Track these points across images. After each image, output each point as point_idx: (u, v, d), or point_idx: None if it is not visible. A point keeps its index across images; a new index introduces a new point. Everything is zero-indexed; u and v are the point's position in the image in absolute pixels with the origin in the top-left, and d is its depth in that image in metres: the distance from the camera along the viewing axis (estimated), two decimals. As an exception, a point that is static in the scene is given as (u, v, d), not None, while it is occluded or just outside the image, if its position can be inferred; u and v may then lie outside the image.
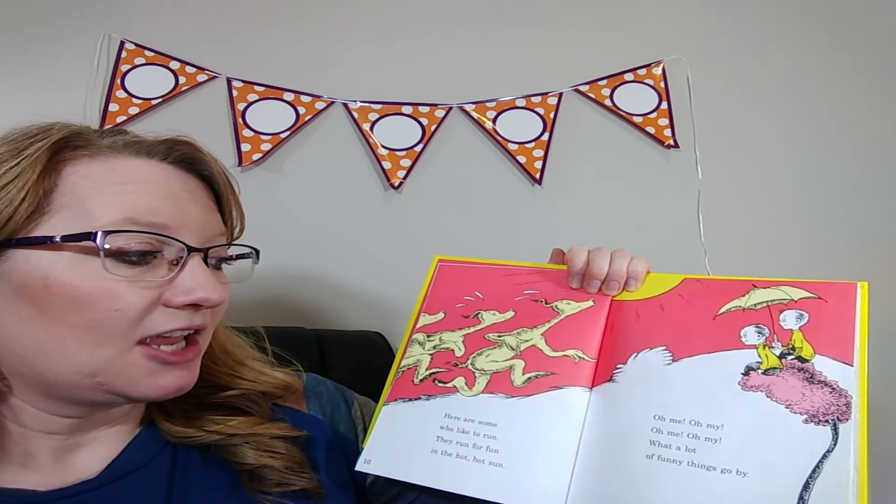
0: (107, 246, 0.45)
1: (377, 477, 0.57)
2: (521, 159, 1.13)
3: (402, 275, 1.05)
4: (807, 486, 0.43)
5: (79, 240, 0.45)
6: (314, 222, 1.09)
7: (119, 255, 0.46)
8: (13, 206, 0.44)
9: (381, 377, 0.62)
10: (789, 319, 0.51)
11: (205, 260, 0.50)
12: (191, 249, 0.49)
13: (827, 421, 0.45)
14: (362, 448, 0.57)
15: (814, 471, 0.43)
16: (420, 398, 0.58)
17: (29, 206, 0.45)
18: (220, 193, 0.55)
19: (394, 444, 0.56)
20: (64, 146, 0.48)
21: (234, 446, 0.54)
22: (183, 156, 0.53)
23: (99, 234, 0.45)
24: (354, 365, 0.91)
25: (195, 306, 0.49)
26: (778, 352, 0.49)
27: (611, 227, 1.14)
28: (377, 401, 0.62)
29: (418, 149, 1.11)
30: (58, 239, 0.45)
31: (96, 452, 0.51)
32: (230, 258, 0.57)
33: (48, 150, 0.46)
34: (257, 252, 0.58)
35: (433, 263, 0.69)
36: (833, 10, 1.26)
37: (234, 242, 0.57)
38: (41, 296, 0.45)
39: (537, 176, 1.13)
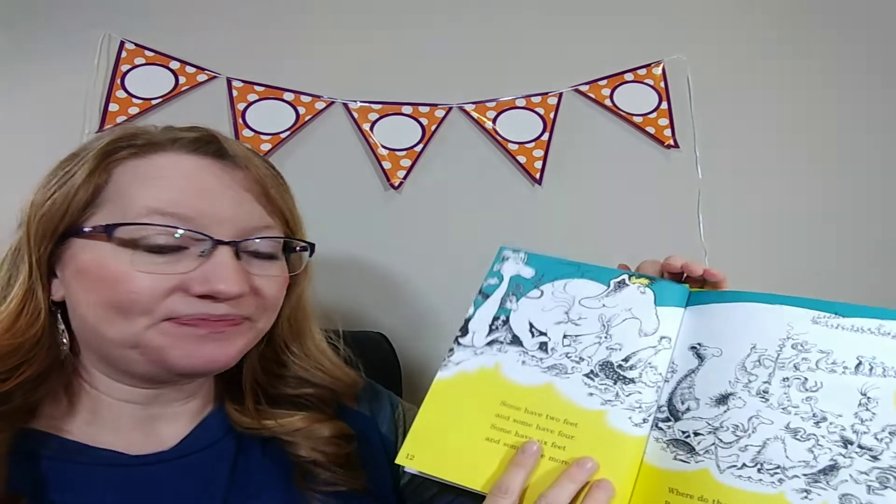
0: (120, 237, 0.49)
1: (413, 476, 0.55)
2: (521, 159, 1.13)
3: (403, 275, 1.05)
4: None
5: (103, 231, 0.50)
6: (314, 222, 1.08)
7: (142, 246, 0.50)
8: (68, 200, 0.51)
9: (382, 377, 0.62)
10: None
11: (237, 253, 0.52)
12: (216, 242, 0.51)
13: None
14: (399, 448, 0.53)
15: None
16: None
17: (80, 200, 0.51)
18: (264, 185, 0.56)
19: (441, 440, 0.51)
20: (117, 146, 0.53)
21: (291, 440, 0.58)
22: (220, 149, 0.55)
23: (117, 228, 0.49)
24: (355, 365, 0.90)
25: (213, 297, 0.51)
26: None
27: (611, 227, 1.14)
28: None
29: (418, 149, 1.11)
30: (88, 230, 0.50)
31: (173, 426, 0.56)
32: (292, 249, 0.58)
33: (102, 149, 0.52)
34: (312, 246, 0.60)
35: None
36: (834, 9, 1.26)
37: (289, 237, 0.58)
38: (87, 277, 0.50)
39: (537, 176, 1.13)
